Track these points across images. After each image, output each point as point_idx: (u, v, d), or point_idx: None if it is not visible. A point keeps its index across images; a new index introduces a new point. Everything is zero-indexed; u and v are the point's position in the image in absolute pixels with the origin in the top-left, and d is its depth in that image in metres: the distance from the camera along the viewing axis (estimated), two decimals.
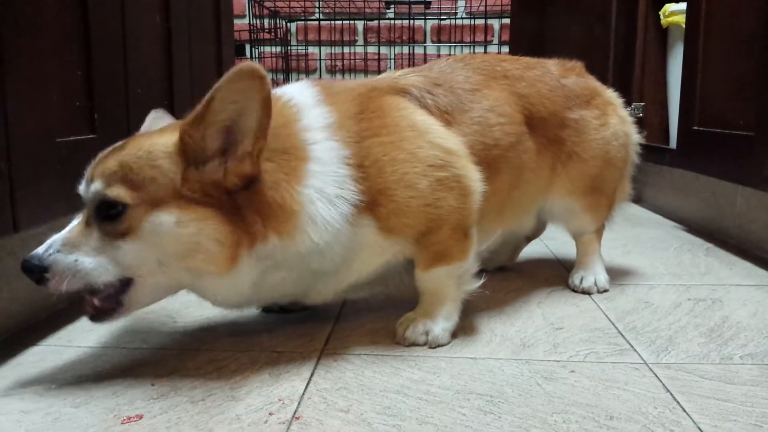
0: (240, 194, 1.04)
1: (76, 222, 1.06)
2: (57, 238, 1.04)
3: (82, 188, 1.07)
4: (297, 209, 1.06)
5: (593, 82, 1.58)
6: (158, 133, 1.08)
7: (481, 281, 1.27)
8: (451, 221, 1.18)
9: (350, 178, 1.11)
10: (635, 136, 1.62)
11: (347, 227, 1.11)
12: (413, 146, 1.16)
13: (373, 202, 1.13)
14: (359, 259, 1.17)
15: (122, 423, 0.93)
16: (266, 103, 0.99)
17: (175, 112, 1.78)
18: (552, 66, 1.54)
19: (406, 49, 4.32)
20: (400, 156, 1.14)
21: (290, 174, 1.07)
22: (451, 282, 1.23)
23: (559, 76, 1.51)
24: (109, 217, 1.01)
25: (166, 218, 1.01)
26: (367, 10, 4.22)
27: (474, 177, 1.21)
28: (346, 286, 1.22)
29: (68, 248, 1.02)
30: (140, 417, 0.95)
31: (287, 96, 1.17)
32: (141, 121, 1.55)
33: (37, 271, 1.01)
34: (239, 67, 0.97)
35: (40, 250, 1.02)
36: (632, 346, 1.21)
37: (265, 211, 1.05)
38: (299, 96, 1.18)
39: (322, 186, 1.09)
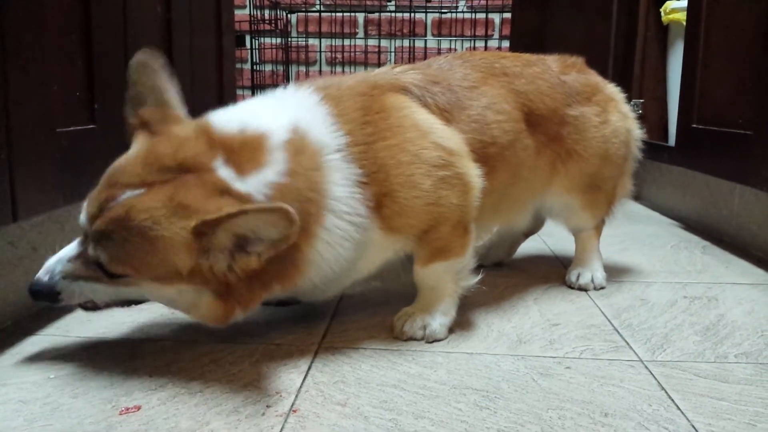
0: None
1: (75, 248, 1.04)
2: (58, 264, 1.03)
3: (82, 219, 1.02)
4: (312, 258, 1.08)
5: (594, 78, 1.57)
6: (169, 199, 0.97)
7: (479, 277, 1.28)
8: (452, 218, 1.19)
9: (362, 198, 1.11)
10: (637, 132, 1.61)
11: (356, 237, 1.11)
12: (417, 147, 1.15)
13: (378, 204, 1.13)
14: (363, 259, 1.17)
15: (120, 414, 0.94)
16: (288, 239, 0.96)
17: None
18: (552, 62, 1.53)
19: (406, 43, 4.30)
20: (405, 158, 1.14)
21: (306, 227, 1.04)
22: (449, 277, 1.24)
23: (559, 72, 1.50)
24: (109, 274, 1.02)
25: (167, 290, 1.03)
26: (368, 3, 4.20)
27: (474, 174, 1.21)
28: (349, 283, 1.24)
29: (71, 279, 1.03)
30: (138, 408, 0.95)
31: (301, 127, 1.10)
32: None
33: (52, 296, 1.03)
34: (279, 207, 0.92)
35: (44, 276, 1.02)
36: (628, 344, 1.22)
37: (274, 273, 1.05)
38: (312, 127, 1.11)
39: (339, 224, 1.09)
